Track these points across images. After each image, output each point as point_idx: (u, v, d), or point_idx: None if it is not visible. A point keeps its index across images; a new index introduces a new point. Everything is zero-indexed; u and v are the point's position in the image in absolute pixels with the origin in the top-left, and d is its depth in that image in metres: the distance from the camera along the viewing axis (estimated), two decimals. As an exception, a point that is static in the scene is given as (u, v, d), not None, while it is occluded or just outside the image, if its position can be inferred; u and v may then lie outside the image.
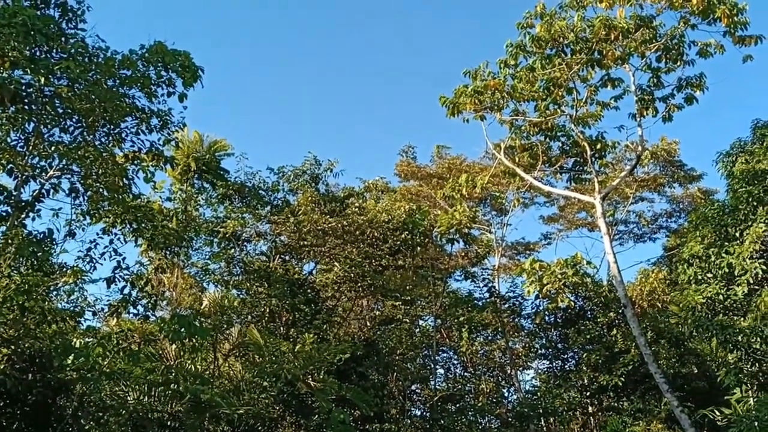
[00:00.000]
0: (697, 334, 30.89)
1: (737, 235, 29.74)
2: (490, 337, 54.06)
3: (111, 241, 25.46)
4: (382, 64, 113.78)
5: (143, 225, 25.60)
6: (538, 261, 41.16)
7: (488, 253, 55.81)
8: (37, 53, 21.86)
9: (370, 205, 44.82)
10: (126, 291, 25.90)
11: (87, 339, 26.18)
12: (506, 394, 53.79)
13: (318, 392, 34.64)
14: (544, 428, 46.20)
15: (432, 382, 51.00)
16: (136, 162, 24.60)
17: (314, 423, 34.37)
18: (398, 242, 42.50)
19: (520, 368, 55.47)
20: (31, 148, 22.90)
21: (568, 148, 39.67)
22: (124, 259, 25.76)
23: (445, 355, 54.54)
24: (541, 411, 43.20)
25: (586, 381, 42.24)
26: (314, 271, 45.82)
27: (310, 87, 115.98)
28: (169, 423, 30.38)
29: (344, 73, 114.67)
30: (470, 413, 47.92)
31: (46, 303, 24.67)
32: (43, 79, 21.52)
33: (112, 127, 23.82)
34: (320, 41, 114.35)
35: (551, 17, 34.56)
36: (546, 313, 44.83)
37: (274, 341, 36.70)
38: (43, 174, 23.28)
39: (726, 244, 30.00)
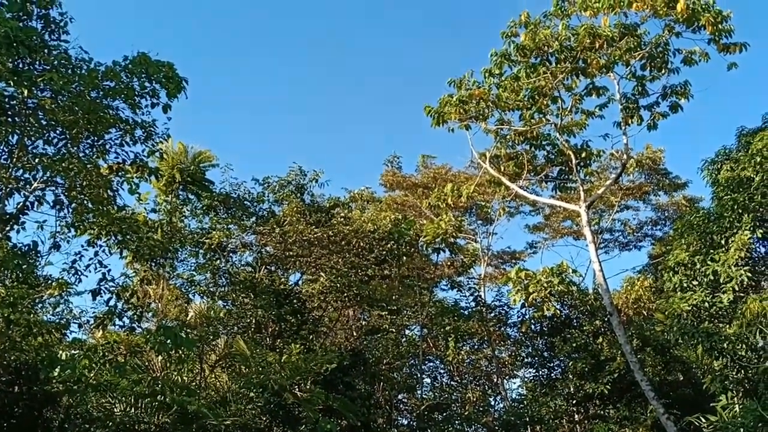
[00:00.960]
0: (683, 341, 30.86)
1: (722, 242, 29.74)
2: (476, 346, 54.09)
3: (96, 253, 25.40)
4: (367, 74, 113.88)
5: (128, 237, 25.53)
6: (523, 270, 41.02)
7: (474, 263, 55.87)
8: (20, 65, 21.77)
9: (355, 215, 44.87)
10: (111, 303, 25.82)
11: (73, 351, 26.15)
12: (493, 403, 53.86)
13: (305, 402, 34.61)
14: (531, 437, 46.21)
15: (419, 392, 51.02)
16: (120, 173, 24.51)
17: (301, 433, 34.37)
18: (384, 252, 42.53)
19: (507, 377, 55.52)
20: (14, 160, 22.81)
21: (553, 156, 39.65)
22: (109, 270, 25.71)
23: (431, 364, 54.59)
24: (527, 419, 43.20)
25: (572, 389, 42.19)
26: (300, 282, 45.83)
27: (295, 97, 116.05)
28: (155, 434, 30.31)
29: (329, 83, 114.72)
30: (457, 422, 47.95)
31: (32, 315, 24.61)
32: (26, 91, 21.46)
33: (96, 138, 23.74)
34: (305, 51, 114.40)
35: (536, 26, 34.54)
36: (532, 321, 44.81)
37: (260, 352, 36.68)
38: (28, 186, 23.20)
39: (711, 251, 30.00)
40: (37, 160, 22.91)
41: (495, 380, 53.59)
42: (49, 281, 26.32)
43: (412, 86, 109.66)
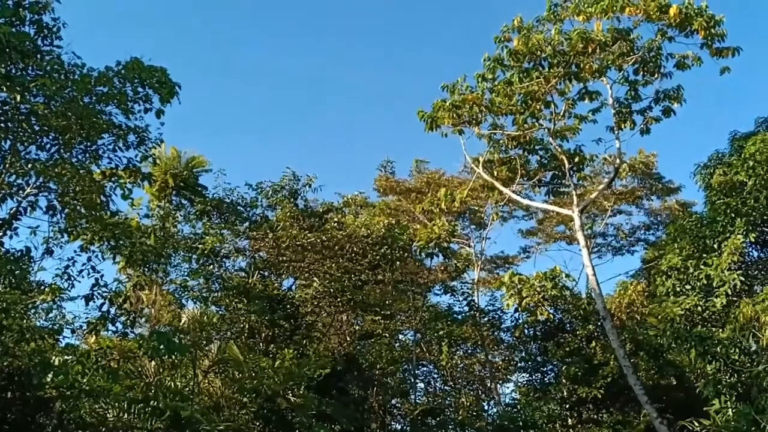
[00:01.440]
0: (676, 345, 30.88)
1: (715, 246, 29.78)
2: (469, 351, 54.06)
3: (89, 259, 25.38)
4: (360, 79, 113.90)
5: (121, 242, 25.50)
6: (517, 274, 41.17)
7: (467, 267, 55.85)
8: (13, 70, 21.72)
9: (349, 220, 44.81)
10: (104, 308, 25.77)
11: (66, 357, 26.06)
12: (486, 408, 53.77)
13: (298, 408, 34.55)
14: (525, 441, 46.16)
15: (412, 397, 50.98)
16: (113, 179, 24.48)
17: (295, 439, 34.31)
18: (377, 257, 42.50)
19: (500, 381, 55.44)
20: (7, 166, 22.76)
21: (546, 161, 39.66)
22: (102, 276, 25.69)
23: (425, 369, 54.51)
24: (521, 424, 43.10)
25: (565, 393, 42.18)
26: (293, 287, 45.72)
27: (288, 102, 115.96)
28: (149, 440, 30.23)
29: (322, 88, 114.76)
30: (450, 427, 47.90)
31: (25, 321, 24.57)
32: (18, 97, 21.42)
33: (88, 144, 23.70)
34: (299, 57, 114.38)
35: (528, 31, 34.51)
36: (525, 326, 44.74)
37: (253, 357, 36.65)
38: (20, 192, 23.16)
39: (704, 255, 30.03)
40: (29, 166, 22.88)
41: (488, 385, 53.54)
42: (42, 287, 26.25)
43: (405, 90, 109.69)
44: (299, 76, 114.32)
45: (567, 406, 42.71)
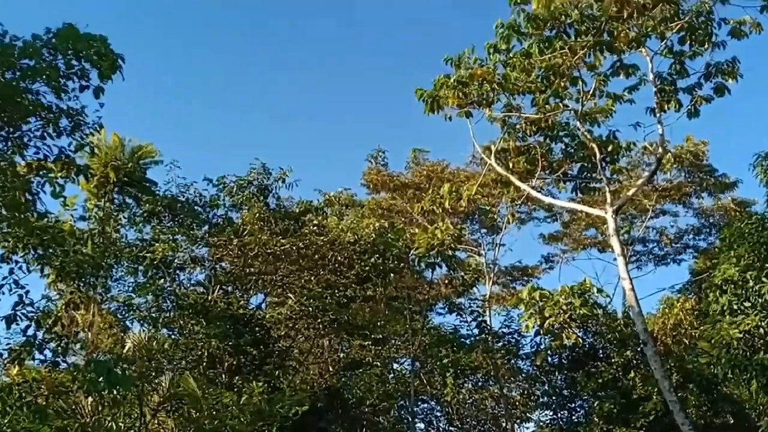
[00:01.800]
0: (733, 376, 30.95)
1: (780, 255, 29.86)
2: (480, 383, 54.14)
3: (11, 271, 25.23)
4: (346, 58, 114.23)
5: (51, 250, 25.45)
6: (538, 289, 41.22)
7: (477, 280, 55.91)
8: None
9: (331, 222, 44.87)
10: (30, 332, 25.62)
11: (-18, 392, 25.99)
12: (501, 453, 53.93)
13: (269, 455, 34.58)
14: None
15: (410, 439, 51.03)
16: (41, 172, 24.40)
17: (264, 492, 34.34)
18: (367, 268, 42.50)
19: (518, 420, 55.56)
20: None
21: (572, 150, 39.71)
22: (27, 292, 25.49)
23: (425, 405, 54.65)
24: (544, 473, 43.31)
25: (598, 435, 42.36)
26: (264, 305, 45.76)
27: (259, 85, 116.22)
28: (85, 495, 30.24)
29: (300, 68, 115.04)
30: (457, 477, 48.02)
31: (-69, 348, 24.55)
32: None
33: (11, 129, 23.62)
34: (276, 31, 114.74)
35: (551, -9, 34.54)
36: (549, 352, 44.83)
37: (214, 392, 36.62)
38: (-75, 189, 23.15)
39: (766, 266, 30.07)
40: (-63, 158, 22.87)
41: (504, 425, 53.68)
42: (-47, 306, 26.28)
43: (399, 70, 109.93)
44: (272, 54, 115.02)
45: (600, 450, 42.87)
